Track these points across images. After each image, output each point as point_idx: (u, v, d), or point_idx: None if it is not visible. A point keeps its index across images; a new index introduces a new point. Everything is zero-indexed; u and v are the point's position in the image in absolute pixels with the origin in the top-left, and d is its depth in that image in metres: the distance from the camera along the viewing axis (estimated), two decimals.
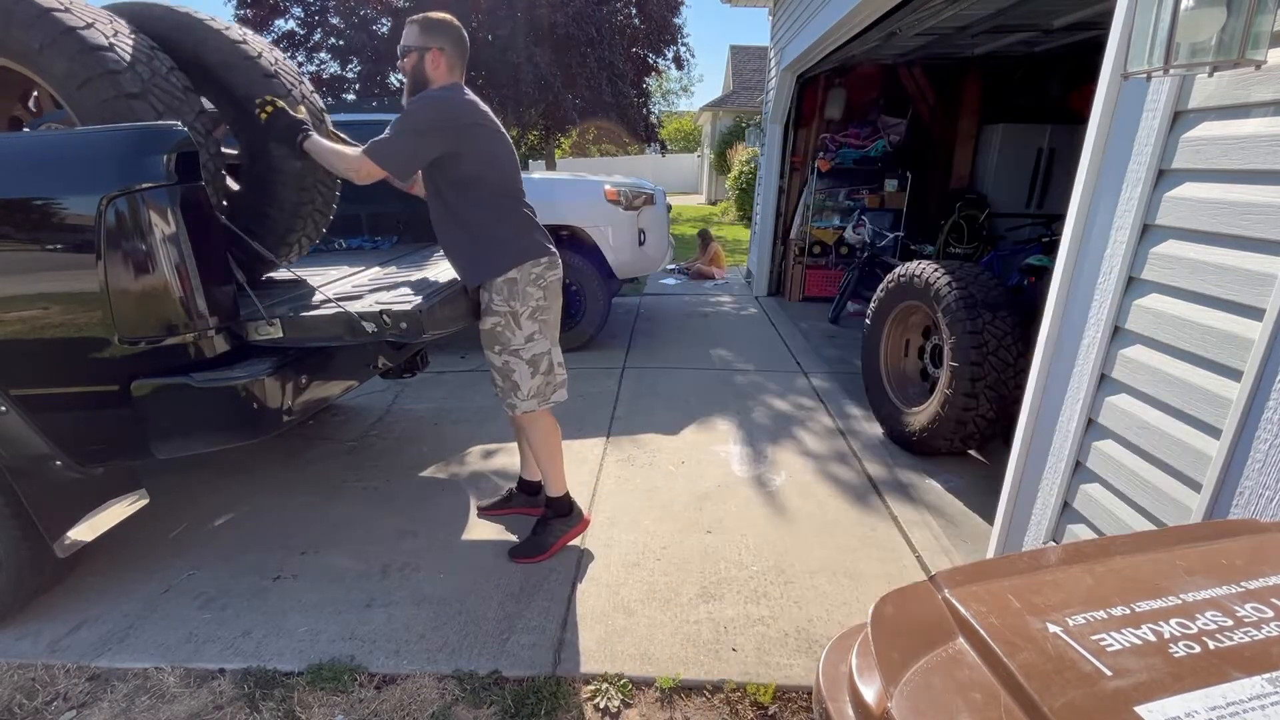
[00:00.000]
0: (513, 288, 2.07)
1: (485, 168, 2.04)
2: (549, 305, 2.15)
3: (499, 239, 2.06)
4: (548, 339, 2.17)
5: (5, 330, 1.74)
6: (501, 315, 2.09)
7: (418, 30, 2.00)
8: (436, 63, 2.00)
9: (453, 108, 1.96)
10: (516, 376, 2.14)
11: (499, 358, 2.14)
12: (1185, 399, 1.34)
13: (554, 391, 2.22)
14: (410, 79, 2.04)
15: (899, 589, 0.79)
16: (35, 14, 1.83)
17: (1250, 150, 1.22)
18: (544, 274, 2.12)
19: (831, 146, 6.47)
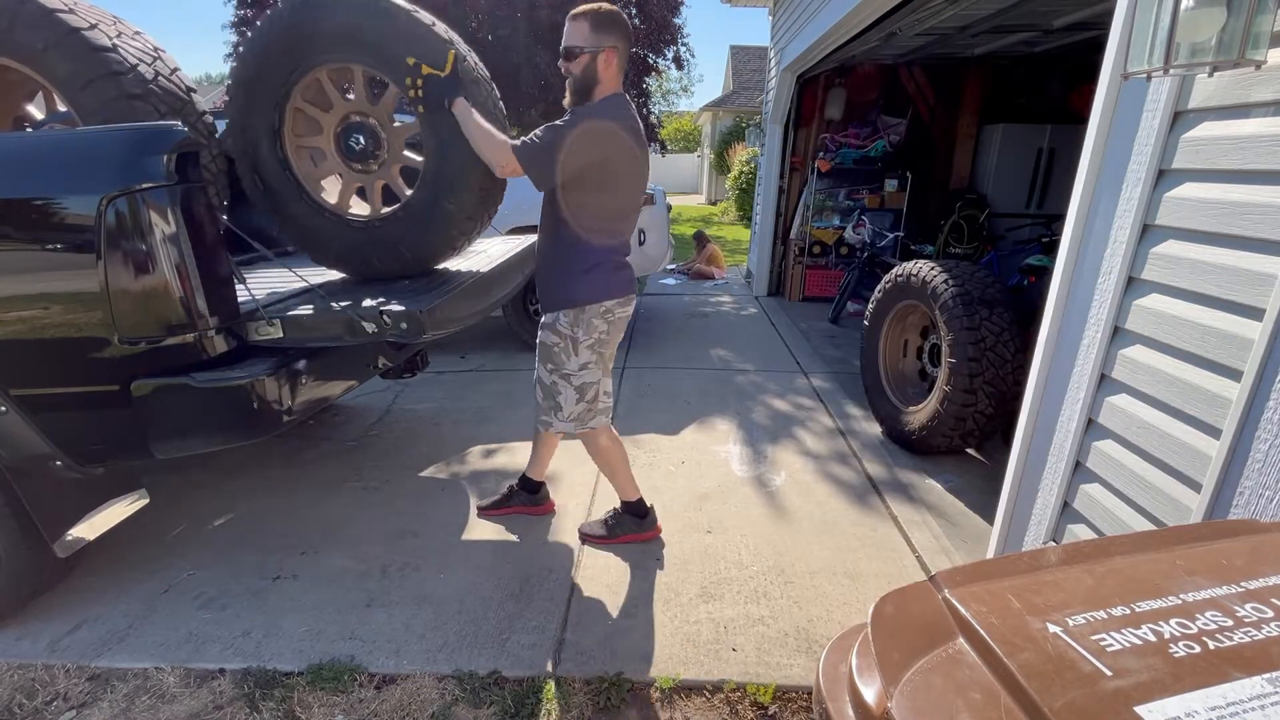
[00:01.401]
0: (579, 315, 2.04)
1: (612, 195, 1.98)
2: (610, 339, 2.13)
3: (589, 274, 2.02)
4: (600, 370, 2.15)
5: (5, 330, 1.74)
6: (562, 338, 2.07)
7: (588, 28, 1.87)
8: (609, 63, 1.90)
9: (614, 128, 1.88)
10: (561, 399, 2.13)
11: (549, 375, 2.13)
12: (1185, 399, 1.34)
13: (593, 419, 2.20)
14: (578, 81, 1.92)
15: (899, 589, 0.79)
16: (40, 15, 1.84)
17: (1250, 150, 1.22)
18: (614, 309, 2.08)
19: (831, 146, 6.47)
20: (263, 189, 2.14)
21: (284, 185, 2.12)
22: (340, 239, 2.18)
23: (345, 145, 2.12)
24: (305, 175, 2.15)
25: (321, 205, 2.16)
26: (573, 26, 1.90)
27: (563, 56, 1.93)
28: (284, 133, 2.07)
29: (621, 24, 1.90)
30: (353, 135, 2.10)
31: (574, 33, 1.89)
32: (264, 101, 2.03)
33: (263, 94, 2.02)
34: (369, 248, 2.18)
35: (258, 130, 2.06)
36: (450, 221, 2.12)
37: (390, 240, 2.15)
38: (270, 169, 2.10)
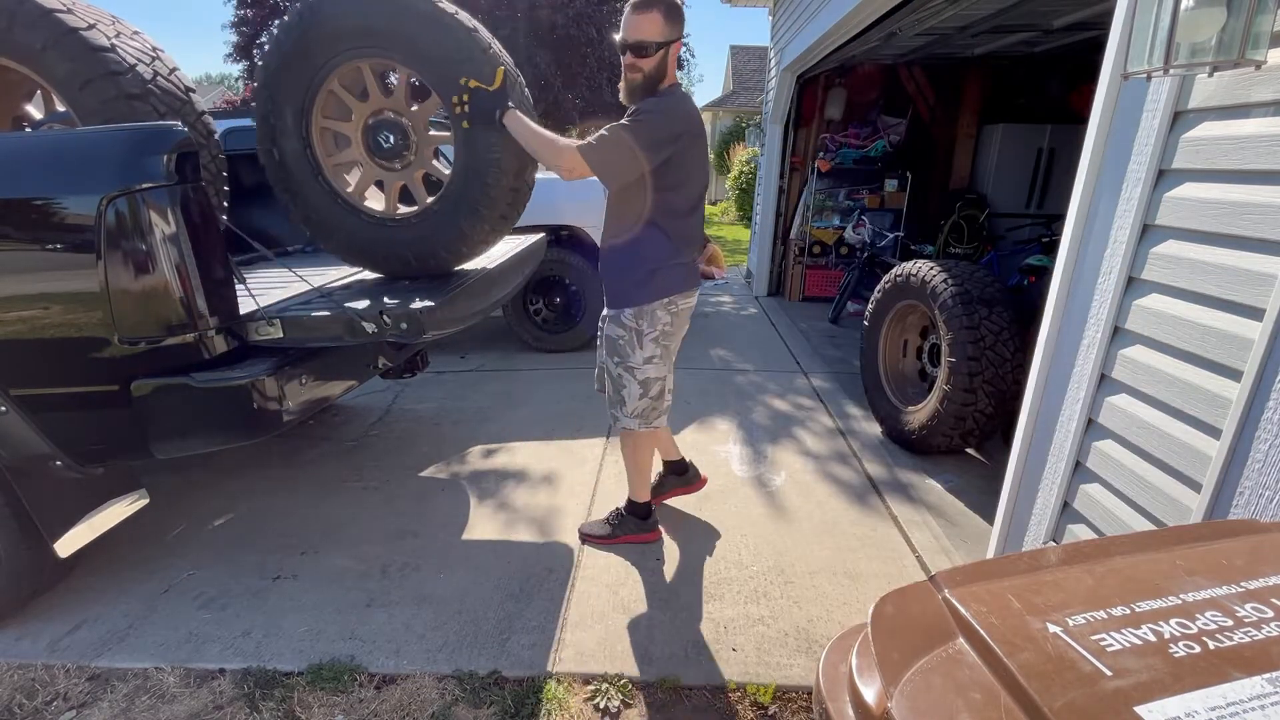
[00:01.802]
0: (643, 307, 2.04)
1: (681, 190, 1.96)
2: (674, 332, 2.12)
3: (656, 274, 2.01)
4: (665, 365, 2.14)
5: (5, 330, 1.74)
6: (627, 330, 2.07)
7: (662, 20, 1.79)
8: (675, 54, 1.86)
9: (684, 121, 1.86)
10: (625, 393, 2.13)
11: (615, 368, 2.13)
12: (1185, 399, 1.34)
13: (657, 417, 2.20)
14: (648, 78, 1.86)
15: (899, 589, 0.79)
16: (38, 15, 1.84)
17: (1250, 150, 1.22)
18: (677, 300, 2.07)
19: (831, 146, 6.47)
20: (279, 161, 2.12)
21: (301, 163, 2.11)
22: (348, 229, 2.17)
23: (374, 139, 2.09)
24: (325, 156, 2.12)
25: (336, 192, 2.14)
26: (643, 19, 1.79)
27: (632, 53, 1.83)
28: (313, 110, 2.05)
29: (683, 15, 1.87)
30: (383, 131, 2.08)
31: (646, 26, 1.78)
32: (299, 76, 2.00)
33: (300, 69, 2.00)
34: (377, 244, 2.16)
35: (285, 102, 2.04)
36: (462, 239, 2.11)
37: (400, 242, 2.14)
38: (291, 143, 2.08)
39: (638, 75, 1.86)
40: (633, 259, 2.01)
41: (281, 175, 2.14)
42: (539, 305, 4.77)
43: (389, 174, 2.16)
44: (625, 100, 1.94)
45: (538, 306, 4.77)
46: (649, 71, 1.84)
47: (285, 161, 2.11)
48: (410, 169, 2.15)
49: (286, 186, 2.16)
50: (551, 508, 2.66)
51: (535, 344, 4.79)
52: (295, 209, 2.20)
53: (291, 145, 2.08)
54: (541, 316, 4.79)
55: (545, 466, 3.02)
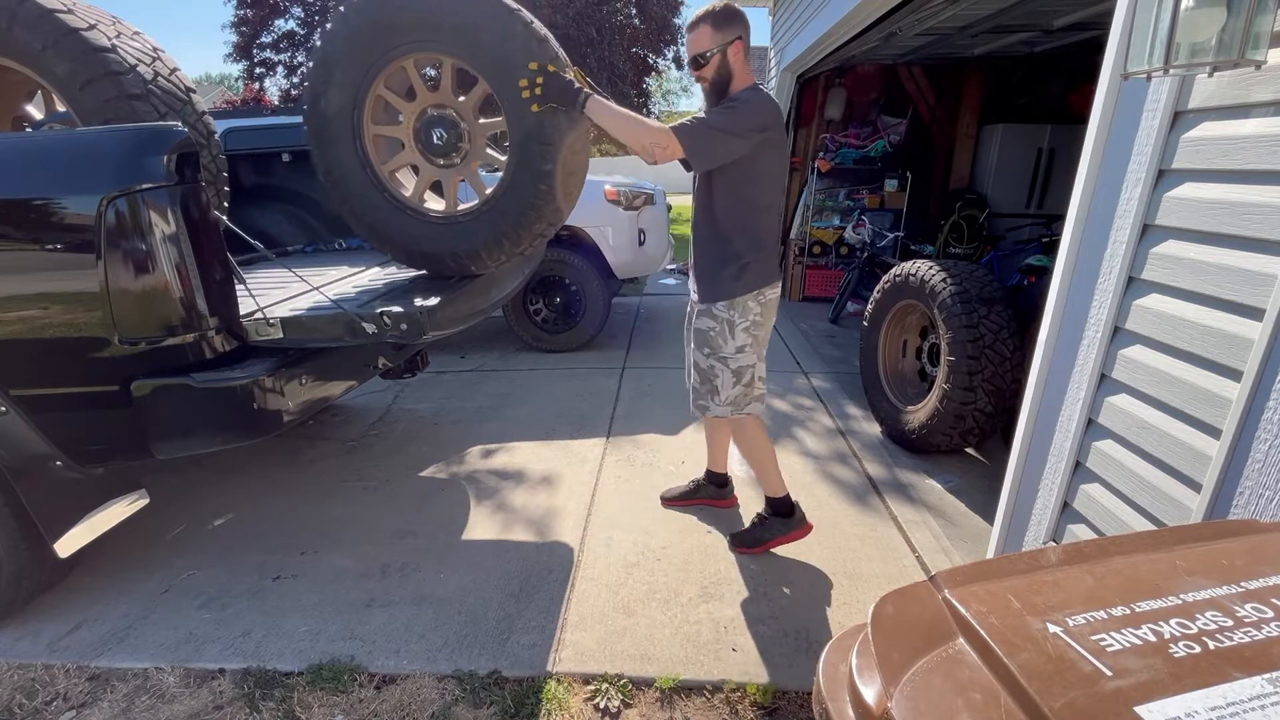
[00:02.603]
0: (735, 299, 2.07)
1: (763, 184, 2.00)
2: (764, 321, 2.13)
3: (745, 266, 2.04)
4: (756, 353, 2.15)
5: (5, 330, 1.74)
6: (719, 322, 2.10)
7: (711, 29, 1.90)
8: (738, 54, 1.92)
9: (770, 115, 1.90)
10: (718, 382, 2.15)
11: (705, 360, 2.15)
12: (1185, 399, 1.34)
13: (749, 404, 2.20)
14: (714, 83, 1.95)
15: (899, 589, 0.79)
16: (38, 15, 1.84)
17: (1250, 150, 1.22)
18: (765, 291, 2.11)
19: (831, 146, 6.47)
20: (334, 178, 2.09)
21: (358, 176, 2.07)
22: (415, 234, 2.12)
23: (426, 138, 2.05)
24: (381, 166, 2.10)
25: (401, 201, 2.11)
26: (695, 35, 1.92)
27: (691, 67, 1.97)
28: (364, 119, 2.02)
29: (740, 15, 1.91)
30: (434, 128, 2.04)
31: (698, 40, 1.91)
32: (347, 82, 1.97)
33: (349, 73, 1.96)
34: (444, 244, 2.11)
35: (337, 113, 2.01)
36: (528, 223, 2.04)
37: (468, 237, 2.08)
38: (347, 159, 2.05)
39: (704, 83, 1.99)
40: (726, 253, 2.05)
41: (340, 192, 2.11)
42: (539, 305, 4.77)
43: (446, 171, 2.11)
44: (705, 106, 2.03)
45: (538, 306, 4.77)
46: (712, 77, 1.95)
47: (343, 177, 2.08)
48: (467, 162, 2.10)
49: (346, 203, 2.13)
50: (551, 508, 2.66)
51: (535, 344, 4.79)
52: (357, 225, 2.16)
53: (347, 160, 2.05)
54: (541, 316, 4.79)
55: (545, 466, 3.02)
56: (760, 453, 2.30)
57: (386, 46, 1.92)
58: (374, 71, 1.96)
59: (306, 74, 2.03)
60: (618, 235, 4.65)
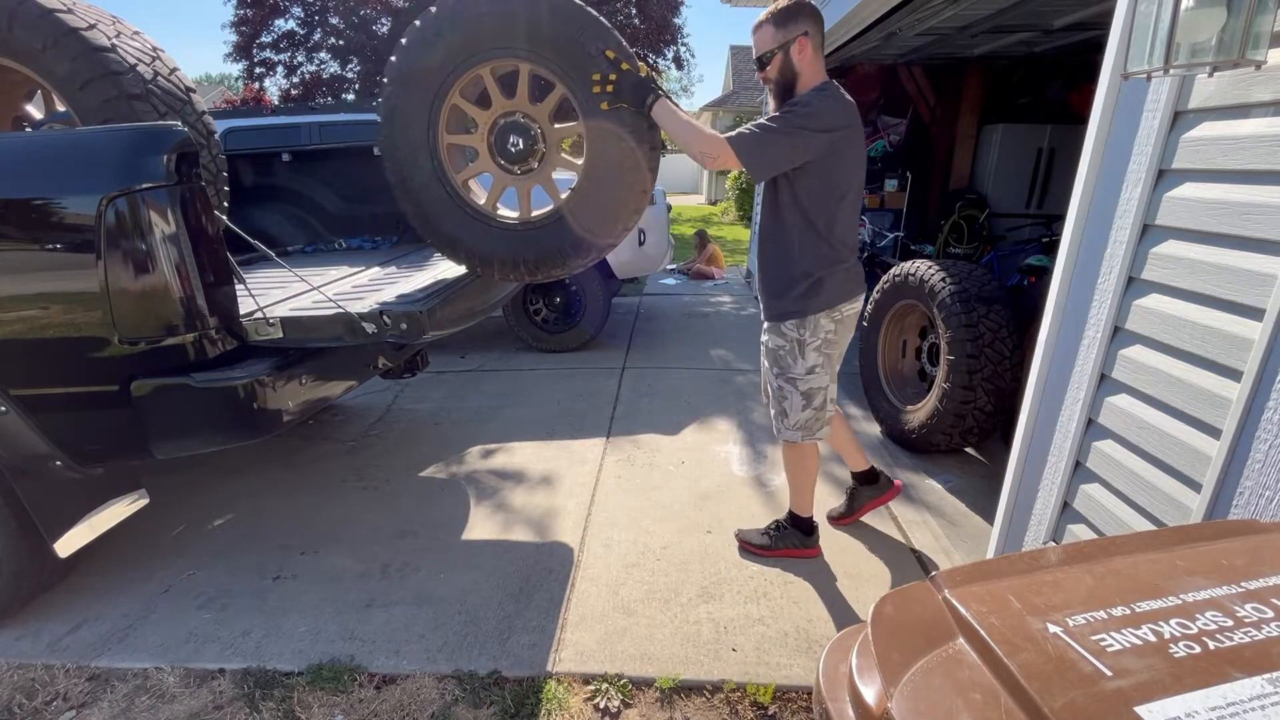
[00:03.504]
0: (805, 317, 1.97)
1: (834, 189, 1.89)
2: (838, 340, 2.03)
3: (818, 282, 1.94)
4: (828, 374, 2.05)
5: (5, 330, 1.74)
6: (788, 340, 2.01)
7: (773, 29, 1.84)
8: (803, 51, 1.83)
9: (837, 116, 1.81)
10: (787, 404, 2.07)
11: (775, 380, 2.08)
12: (1185, 399, 1.34)
13: (820, 428, 2.11)
14: (779, 84, 1.88)
15: (899, 589, 0.79)
16: (38, 14, 1.84)
17: (1250, 150, 1.22)
18: (842, 308, 1.99)
19: None
20: (408, 192, 2.05)
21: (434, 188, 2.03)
22: (490, 241, 2.07)
23: (501, 146, 1.99)
24: (454, 172, 2.06)
25: (476, 209, 2.07)
26: (759, 36, 1.88)
27: (758, 69, 1.92)
28: (439, 131, 1.98)
29: (807, 9, 1.84)
30: (510, 136, 1.98)
31: (762, 40, 1.87)
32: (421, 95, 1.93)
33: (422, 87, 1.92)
34: (520, 250, 2.06)
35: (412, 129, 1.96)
36: (603, 225, 2.01)
37: (543, 242, 2.04)
38: (423, 174, 2.01)
39: (770, 85, 1.93)
40: (792, 269, 1.95)
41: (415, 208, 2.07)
42: (539, 305, 4.78)
43: (522, 179, 2.06)
44: (771, 110, 1.96)
45: (538, 306, 4.77)
46: (775, 77, 1.89)
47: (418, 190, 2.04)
48: (543, 168, 2.05)
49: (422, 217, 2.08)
50: (551, 508, 2.66)
51: (535, 344, 4.79)
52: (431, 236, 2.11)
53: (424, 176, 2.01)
54: (541, 316, 4.80)
55: (545, 466, 3.02)
56: (805, 476, 2.24)
57: (465, 55, 1.87)
58: (450, 81, 1.91)
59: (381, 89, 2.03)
60: None
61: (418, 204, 2.06)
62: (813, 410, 2.06)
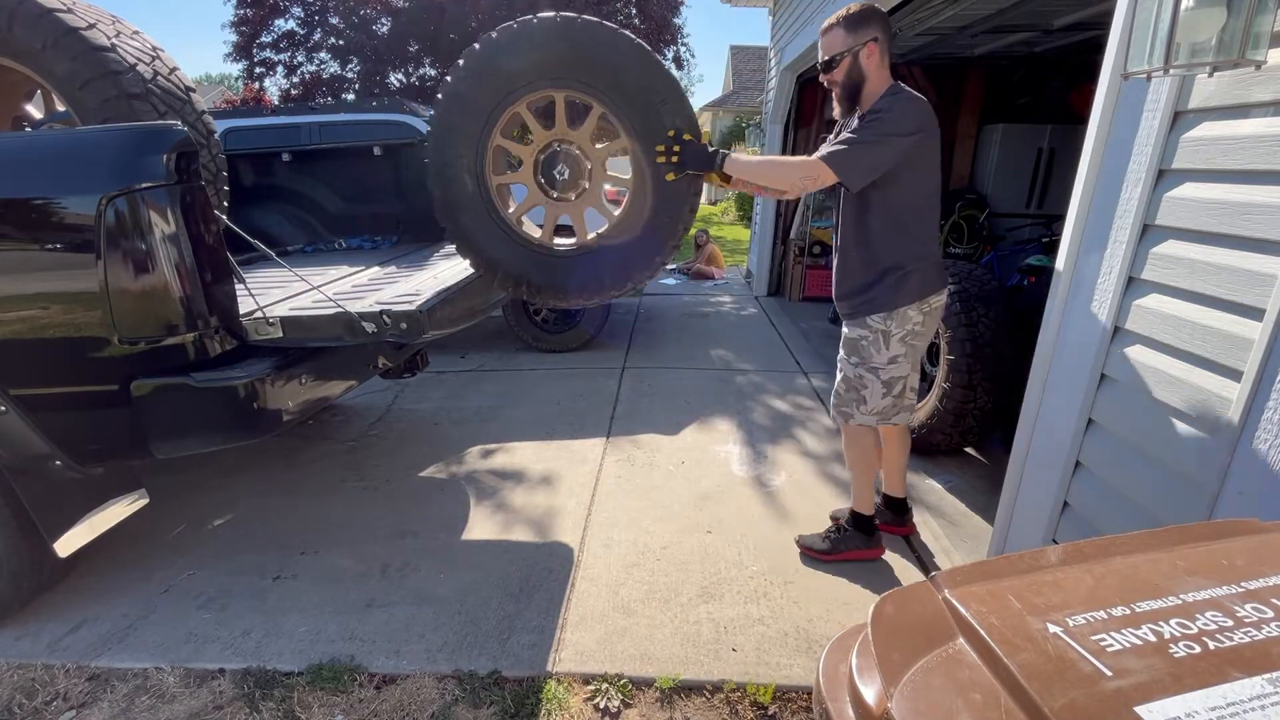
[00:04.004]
0: (894, 309, 1.96)
1: (919, 186, 1.92)
2: (925, 331, 2.02)
3: (907, 275, 1.94)
4: (910, 364, 2.04)
5: (5, 330, 1.74)
6: (872, 332, 1.99)
7: (843, 32, 1.85)
8: (871, 56, 1.84)
9: (919, 117, 1.83)
10: (866, 392, 2.05)
11: (854, 369, 2.06)
12: (1185, 399, 1.34)
13: (897, 414, 2.10)
14: (844, 87, 1.90)
15: (899, 589, 0.79)
16: (38, 14, 1.84)
17: (1250, 150, 1.22)
18: (931, 299, 2.00)
19: None
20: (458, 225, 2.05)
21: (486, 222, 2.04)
22: (546, 267, 2.09)
23: (547, 175, 2.01)
24: (502, 203, 2.06)
25: (529, 240, 2.08)
26: (828, 39, 1.88)
27: (823, 71, 1.92)
28: (486, 167, 1.98)
29: (878, 15, 1.85)
30: (556, 165, 2.00)
31: (831, 43, 1.87)
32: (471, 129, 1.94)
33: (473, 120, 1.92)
34: (577, 273, 2.08)
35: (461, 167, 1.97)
36: (658, 241, 2.02)
37: (597, 264, 2.06)
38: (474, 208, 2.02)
39: (835, 88, 1.94)
40: (879, 265, 1.96)
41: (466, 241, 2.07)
42: (539, 305, 4.78)
43: (571, 205, 2.07)
44: (839, 116, 1.98)
45: (537, 306, 4.77)
46: (842, 80, 1.90)
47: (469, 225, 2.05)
48: (591, 191, 2.07)
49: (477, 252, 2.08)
50: (551, 508, 2.66)
51: (535, 344, 4.79)
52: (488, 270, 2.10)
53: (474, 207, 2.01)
54: (541, 316, 4.80)
55: (545, 466, 3.02)
56: (866, 464, 2.20)
57: (514, 87, 1.88)
58: (494, 118, 1.91)
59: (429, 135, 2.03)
60: None
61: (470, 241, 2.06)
62: (893, 398, 2.06)
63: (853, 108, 1.95)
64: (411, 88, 13.87)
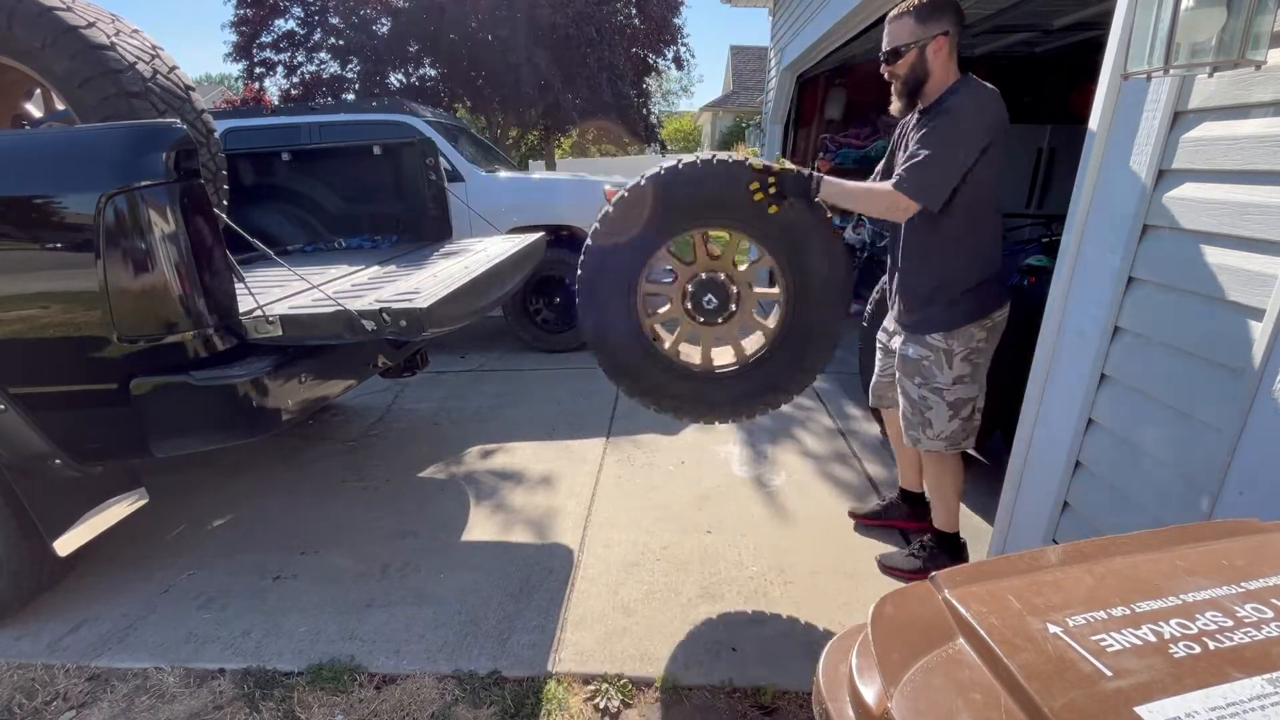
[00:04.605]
0: (954, 328, 1.86)
1: (988, 188, 1.80)
2: (988, 347, 1.92)
3: (970, 290, 1.84)
4: (977, 383, 1.94)
5: (4, 329, 1.74)
6: (933, 350, 1.89)
7: (913, 22, 1.72)
8: (939, 51, 1.73)
9: (992, 111, 1.73)
10: (931, 415, 1.94)
11: (916, 390, 1.95)
12: (1185, 399, 1.34)
13: (967, 439, 1.98)
14: (905, 81, 1.78)
15: (899, 589, 0.79)
16: (37, 12, 1.84)
17: (1250, 150, 1.22)
18: (995, 314, 1.89)
19: (831, 146, 6.47)
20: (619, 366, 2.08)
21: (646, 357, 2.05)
22: (715, 392, 2.10)
23: (698, 305, 2.01)
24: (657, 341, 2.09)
25: (689, 368, 2.09)
26: (895, 27, 1.77)
27: (885, 62, 1.81)
28: (639, 308, 2.00)
29: (952, 7, 1.73)
30: (705, 294, 2.00)
31: (898, 33, 1.76)
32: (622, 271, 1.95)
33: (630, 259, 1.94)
34: (749, 389, 2.10)
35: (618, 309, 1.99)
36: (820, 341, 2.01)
37: (766, 376, 2.07)
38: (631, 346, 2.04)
39: (895, 80, 1.83)
40: (943, 278, 1.85)
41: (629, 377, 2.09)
42: (539, 305, 4.78)
43: (725, 328, 2.07)
44: (897, 112, 1.89)
45: (538, 306, 4.77)
46: (905, 74, 1.79)
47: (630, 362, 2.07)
48: (741, 310, 2.06)
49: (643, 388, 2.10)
50: (551, 508, 2.66)
51: (535, 344, 4.79)
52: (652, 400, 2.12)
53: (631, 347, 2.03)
54: (541, 316, 4.80)
55: (545, 466, 3.02)
56: (950, 488, 2.08)
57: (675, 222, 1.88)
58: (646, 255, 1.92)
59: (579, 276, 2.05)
60: None
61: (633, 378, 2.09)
62: (960, 421, 1.95)
63: (913, 104, 1.84)
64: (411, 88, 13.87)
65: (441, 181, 3.48)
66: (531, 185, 5.02)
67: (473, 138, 5.57)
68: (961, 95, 1.74)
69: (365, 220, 3.67)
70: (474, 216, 4.05)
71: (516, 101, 12.92)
